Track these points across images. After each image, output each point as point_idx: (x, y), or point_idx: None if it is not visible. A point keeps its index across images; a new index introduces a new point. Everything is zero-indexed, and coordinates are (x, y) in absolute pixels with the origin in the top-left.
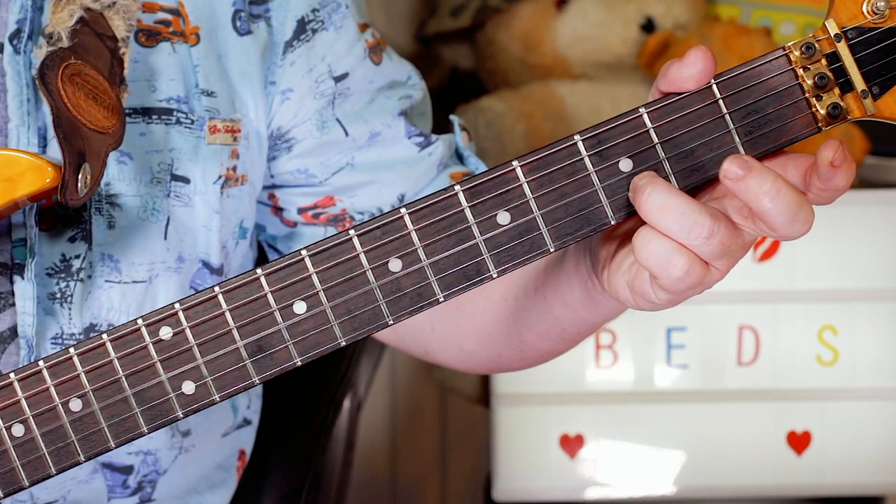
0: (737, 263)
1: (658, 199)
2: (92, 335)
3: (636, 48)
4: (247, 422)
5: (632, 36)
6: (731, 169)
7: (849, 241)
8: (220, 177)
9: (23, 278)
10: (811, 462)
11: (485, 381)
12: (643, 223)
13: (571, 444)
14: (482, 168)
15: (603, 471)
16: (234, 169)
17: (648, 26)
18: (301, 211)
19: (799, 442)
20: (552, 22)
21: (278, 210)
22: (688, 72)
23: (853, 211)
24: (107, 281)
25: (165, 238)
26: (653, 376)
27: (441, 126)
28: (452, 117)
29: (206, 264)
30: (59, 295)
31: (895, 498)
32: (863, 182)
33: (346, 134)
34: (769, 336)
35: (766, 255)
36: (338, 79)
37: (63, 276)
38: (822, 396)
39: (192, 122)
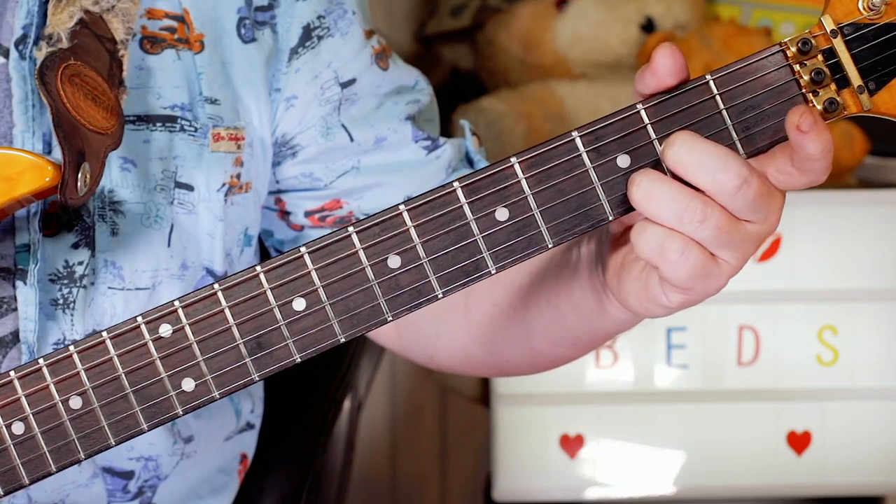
0: (749, 256)
1: (648, 187)
2: None
3: (636, 48)
4: (249, 426)
5: (632, 36)
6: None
7: (849, 241)
8: (223, 184)
9: (25, 284)
10: (811, 462)
11: (485, 381)
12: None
13: (571, 444)
14: None
15: (603, 471)
16: (238, 177)
17: (648, 26)
18: (308, 214)
19: (799, 442)
20: (552, 22)
21: (285, 214)
22: (662, 71)
23: (853, 211)
24: (109, 288)
25: (169, 245)
26: (653, 376)
27: (442, 126)
28: (462, 122)
29: (209, 272)
30: (61, 301)
31: (895, 498)
32: (863, 182)
33: (352, 139)
34: (769, 336)
35: (766, 255)
36: (344, 84)
37: (66, 282)
38: (822, 396)
39: (196, 129)
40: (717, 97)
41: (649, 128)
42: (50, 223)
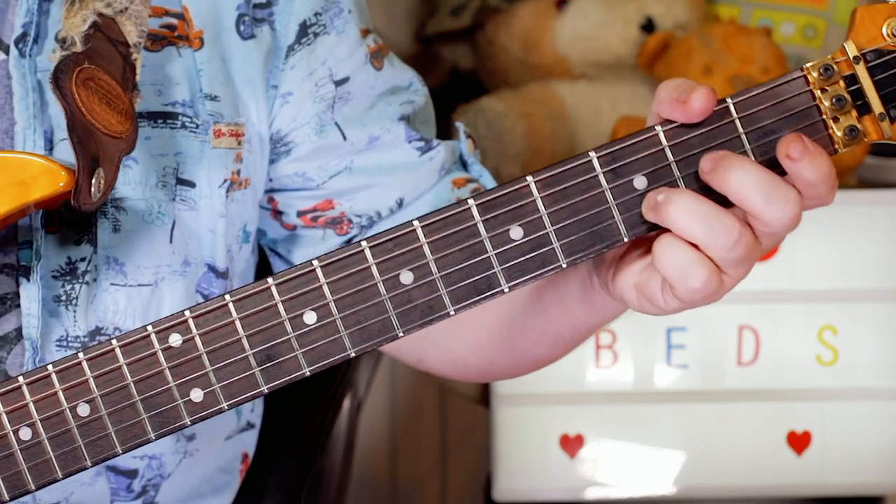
0: (748, 274)
1: (689, 205)
2: (98, 338)
3: (636, 48)
4: (250, 425)
5: (632, 36)
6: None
7: (849, 241)
8: (225, 180)
9: (28, 280)
10: (811, 462)
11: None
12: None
13: (571, 444)
14: (485, 175)
15: (603, 471)
16: (239, 173)
17: (648, 26)
18: (300, 214)
19: (799, 442)
20: (552, 22)
21: (278, 213)
22: (695, 114)
23: (853, 211)
24: (112, 284)
25: (171, 242)
26: (653, 376)
27: (441, 126)
28: (458, 124)
29: (211, 268)
30: (64, 297)
31: (895, 498)
32: (863, 182)
33: (345, 138)
34: (769, 336)
35: (766, 255)
36: (338, 83)
37: (68, 278)
38: (822, 396)
39: (198, 126)
40: (737, 121)
41: (667, 150)
42: (52, 220)
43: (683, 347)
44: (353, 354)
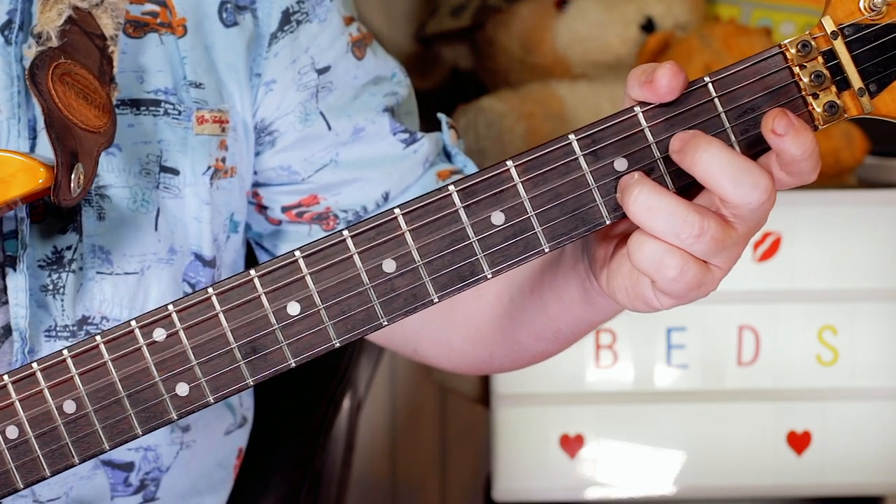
0: (738, 259)
1: (646, 200)
2: (85, 328)
3: (636, 48)
4: (245, 420)
5: (632, 36)
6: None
7: (849, 241)
8: (209, 168)
9: (15, 271)
10: (811, 462)
11: (485, 381)
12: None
13: (571, 444)
14: (470, 166)
15: (603, 471)
16: (224, 160)
17: (648, 26)
18: (285, 209)
19: (799, 442)
20: (552, 22)
21: (263, 208)
22: (663, 92)
23: (853, 211)
24: (98, 273)
25: (156, 230)
26: (653, 376)
27: (438, 126)
28: (440, 115)
29: (198, 256)
30: (51, 287)
31: (895, 498)
32: (863, 182)
33: (330, 128)
34: (769, 336)
35: (766, 255)
36: (320, 71)
37: (55, 267)
38: (822, 396)
39: (180, 112)
40: (716, 100)
41: (647, 131)
42: (37, 209)
43: (683, 347)
44: (338, 345)
